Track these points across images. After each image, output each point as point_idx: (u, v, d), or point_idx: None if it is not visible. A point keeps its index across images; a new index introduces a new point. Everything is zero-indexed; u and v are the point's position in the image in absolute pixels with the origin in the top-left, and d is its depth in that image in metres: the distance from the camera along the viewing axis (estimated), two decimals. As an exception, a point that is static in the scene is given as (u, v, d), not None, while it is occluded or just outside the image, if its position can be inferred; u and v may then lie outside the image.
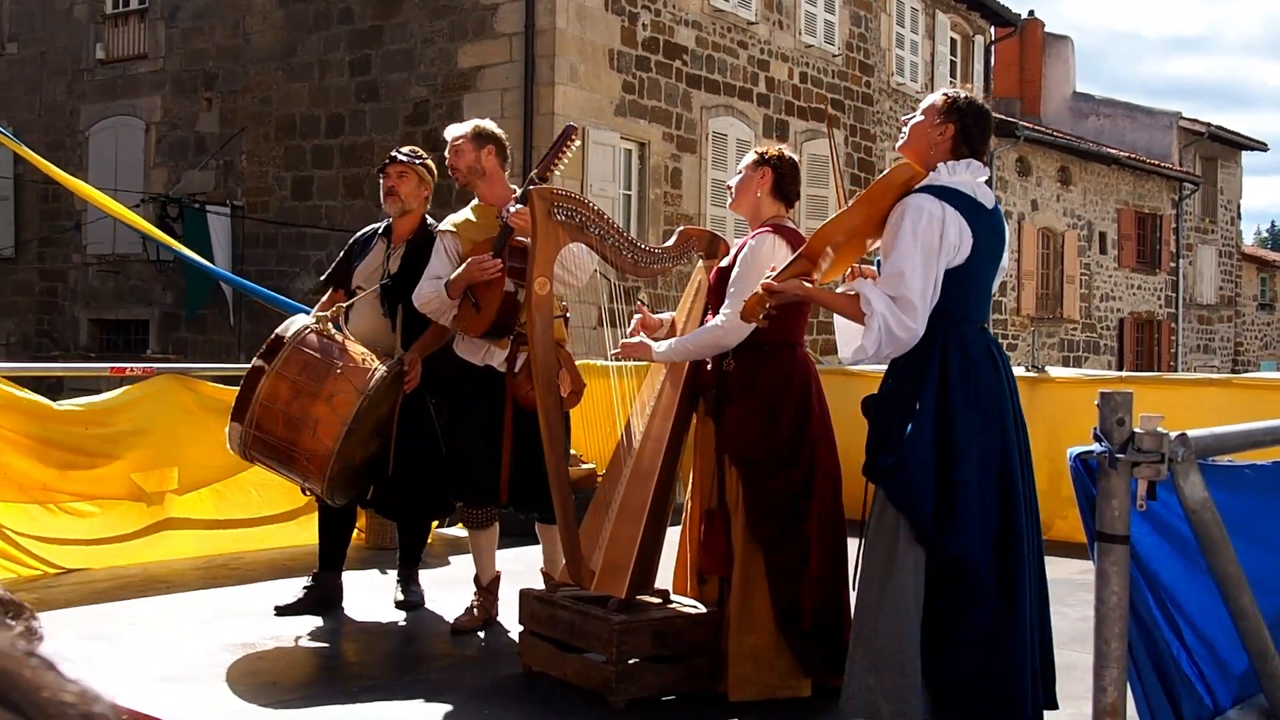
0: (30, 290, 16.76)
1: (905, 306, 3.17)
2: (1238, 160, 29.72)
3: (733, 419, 3.80)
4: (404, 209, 4.92)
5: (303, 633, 4.67)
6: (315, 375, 4.42)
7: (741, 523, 3.76)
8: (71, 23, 16.30)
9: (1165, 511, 2.37)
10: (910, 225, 3.21)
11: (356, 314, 4.90)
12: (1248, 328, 30.34)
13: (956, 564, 3.23)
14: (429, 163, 5.02)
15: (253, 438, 4.46)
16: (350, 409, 4.36)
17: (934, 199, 3.25)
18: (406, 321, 4.84)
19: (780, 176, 3.94)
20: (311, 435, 4.37)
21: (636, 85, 13.43)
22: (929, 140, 3.33)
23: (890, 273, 3.20)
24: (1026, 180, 22.03)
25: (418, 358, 4.71)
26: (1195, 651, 2.57)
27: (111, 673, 3.99)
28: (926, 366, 3.25)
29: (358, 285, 4.95)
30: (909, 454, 3.20)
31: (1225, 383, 6.96)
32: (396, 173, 4.91)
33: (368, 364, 4.52)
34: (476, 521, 4.74)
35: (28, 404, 5.59)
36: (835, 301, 3.34)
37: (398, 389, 4.66)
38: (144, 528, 5.97)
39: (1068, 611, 5.09)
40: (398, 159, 4.93)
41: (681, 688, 3.78)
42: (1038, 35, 27.73)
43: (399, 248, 4.93)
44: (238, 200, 14.63)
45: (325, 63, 13.95)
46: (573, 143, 4.41)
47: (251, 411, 4.42)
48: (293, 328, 4.57)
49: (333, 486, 4.47)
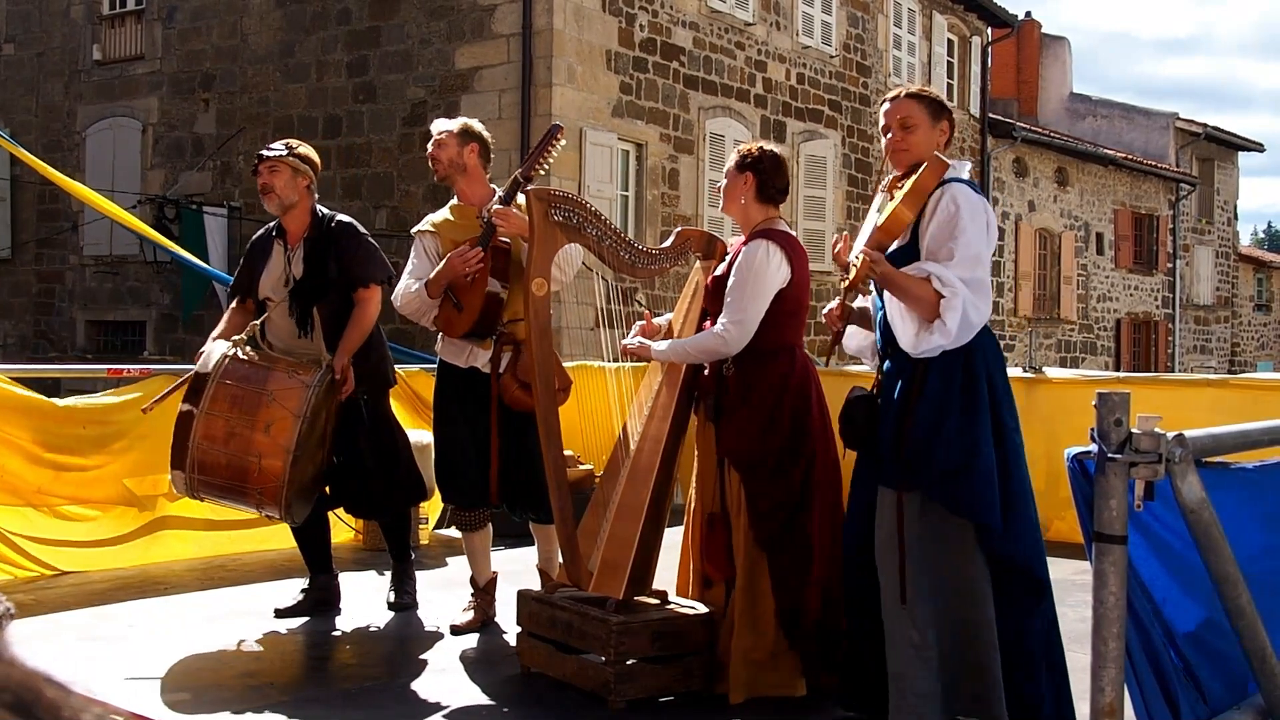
0: (27, 291, 16.74)
1: (980, 290, 3.12)
2: (1234, 161, 29.75)
3: (733, 423, 3.80)
4: (283, 204, 4.72)
5: (301, 634, 4.67)
6: (247, 408, 4.27)
7: (744, 526, 3.75)
8: (68, 23, 16.29)
9: (1151, 519, 2.37)
10: (968, 212, 3.17)
11: (272, 325, 4.75)
12: (1244, 328, 30.37)
13: (1022, 571, 3.17)
14: (303, 152, 4.79)
15: (198, 481, 4.33)
16: (291, 435, 4.24)
17: (976, 192, 3.26)
18: (326, 322, 4.71)
19: (763, 180, 3.90)
20: (258, 469, 4.24)
21: (634, 86, 13.43)
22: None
23: (965, 256, 3.12)
24: (1023, 181, 22.04)
25: (347, 363, 4.59)
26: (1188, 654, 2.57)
27: (109, 674, 3.99)
28: (971, 359, 3.17)
29: (266, 296, 4.80)
30: (977, 455, 3.10)
31: (1222, 383, 6.97)
32: (267, 169, 4.70)
33: (297, 379, 4.38)
34: (468, 524, 4.73)
35: (25, 404, 5.58)
36: (910, 283, 3.12)
37: (332, 395, 4.54)
38: (141, 528, 5.97)
39: (1066, 612, 5.08)
40: (265, 155, 4.74)
41: (680, 688, 3.78)
42: (1034, 36, 27.74)
43: (297, 249, 4.75)
44: (235, 201, 14.62)
45: (323, 63, 13.94)
46: (558, 142, 4.40)
47: (191, 457, 4.26)
48: (212, 360, 4.37)
49: (290, 509, 4.39)
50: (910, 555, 3.18)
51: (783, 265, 3.78)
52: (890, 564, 3.23)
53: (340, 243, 4.71)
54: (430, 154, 4.66)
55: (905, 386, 3.22)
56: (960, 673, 3.17)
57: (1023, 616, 3.20)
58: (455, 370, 4.60)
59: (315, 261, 4.70)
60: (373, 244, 4.85)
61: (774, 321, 3.77)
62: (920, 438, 3.16)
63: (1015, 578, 3.18)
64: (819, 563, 3.70)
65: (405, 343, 10.66)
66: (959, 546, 3.16)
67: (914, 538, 3.19)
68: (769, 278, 3.75)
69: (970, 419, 3.13)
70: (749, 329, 3.73)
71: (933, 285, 3.09)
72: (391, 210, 13.29)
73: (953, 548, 3.16)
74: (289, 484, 4.25)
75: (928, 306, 3.09)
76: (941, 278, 3.08)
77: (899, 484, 3.21)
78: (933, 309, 3.09)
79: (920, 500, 3.20)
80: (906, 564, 3.19)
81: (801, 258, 3.86)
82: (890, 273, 3.14)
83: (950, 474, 3.12)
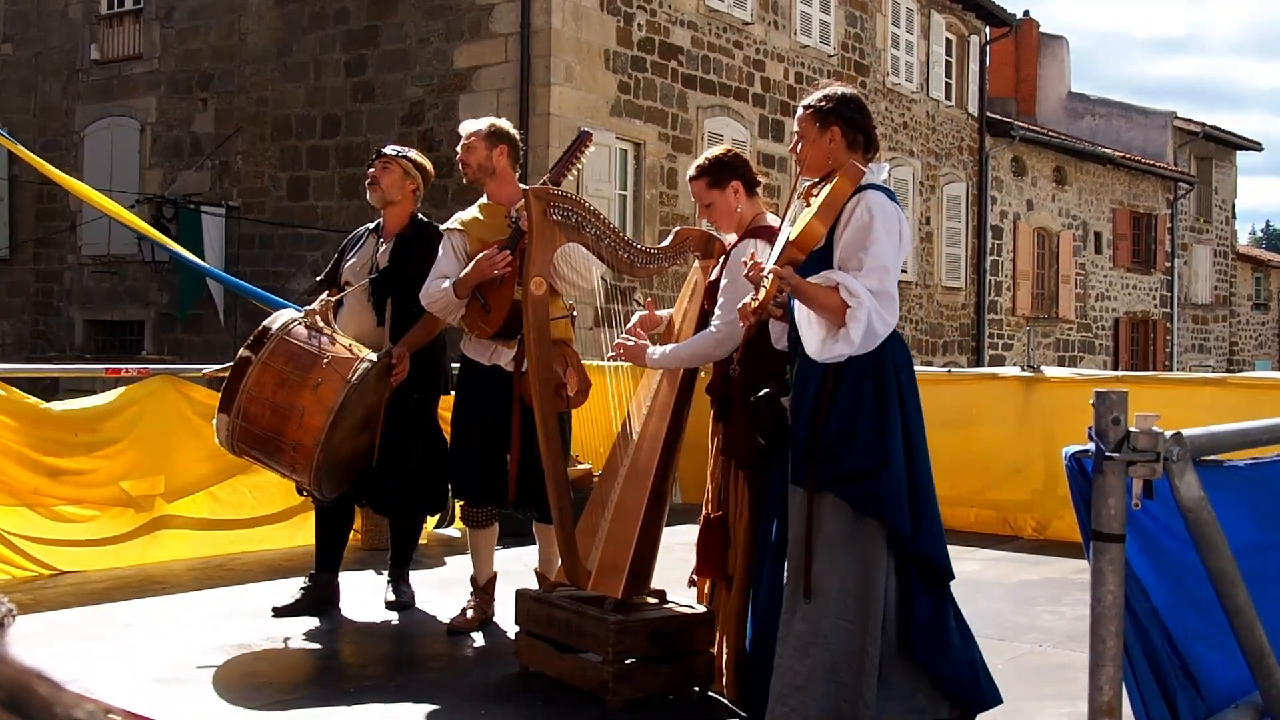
0: (25, 291, 16.73)
1: (886, 301, 3.17)
2: (1232, 160, 29.78)
3: (736, 423, 3.80)
4: (385, 199, 4.93)
5: (299, 633, 4.67)
6: (301, 365, 4.40)
7: (745, 525, 3.75)
8: (66, 23, 16.28)
9: (1149, 518, 2.38)
10: (881, 222, 3.21)
11: (346, 309, 4.89)
12: (1242, 327, 30.39)
13: (929, 564, 3.24)
14: (416, 158, 5.03)
15: (240, 429, 4.43)
16: (336, 398, 4.33)
17: (888, 198, 3.28)
18: (395, 316, 4.83)
19: (746, 178, 3.92)
20: (298, 425, 4.35)
21: (632, 85, 13.44)
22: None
23: (874, 266, 3.17)
24: (1022, 180, 22.05)
25: (405, 351, 4.71)
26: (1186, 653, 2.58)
27: (108, 674, 3.99)
28: (881, 361, 3.20)
29: (346, 281, 4.96)
30: (889, 457, 3.15)
31: (1220, 382, 6.99)
32: (380, 165, 4.97)
33: (355, 355, 4.51)
34: (477, 521, 4.74)
35: (21, 406, 5.58)
36: (818, 293, 3.17)
37: (385, 382, 4.64)
38: (139, 528, 5.96)
39: (1064, 610, 5.10)
40: (383, 153, 5.01)
41: (678, 688, 3.78)
42: (1033, 35, 27.74)
43: (388, 242, 4.94)
44: (233, 201, 14.62)
45: (321, 63, 13.94)
46: (586, 149, 4.41)
47: (239, 402, 4.39)
48: (280, 320, 4.56)
49: (319, 477, 4.42)
50: (818, 554, 3.22)
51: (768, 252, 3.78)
52: (797, 560, 3.26)
53: (430, 245, 4.76)
54: (459, 158, 4.67)
55: (816, 387, 3.25)
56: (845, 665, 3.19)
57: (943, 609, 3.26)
58: (478, 367, 4.62)
59: (402, 256, 4.85)
60: None
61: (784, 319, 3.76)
62: (832, 438, 3.20)
63: (919, 569, 3.25)
64: None
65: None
66: (867, 546, 3.20)
67: (824, 536, 3.23)
68: None
69: (882, 420, 3.19)
70: (740, 328, 3.73)
71: (840, 295, 3.13)
72: (390, 210, 13.28)
73: (861, 547, 3.20)
74: (323, 447, 4.31)
75: (834, 315, 3.14)
76: (849, 288, 3.12)
77: (810, 483, 3.23)
78: (839, 317, 3.13)
79: (831, 500, 3.23)
80: (814, 562, 3.22)
81: None
82: (799, 284, 3.18)
83: (862, 475, 3.16)
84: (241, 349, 4.53)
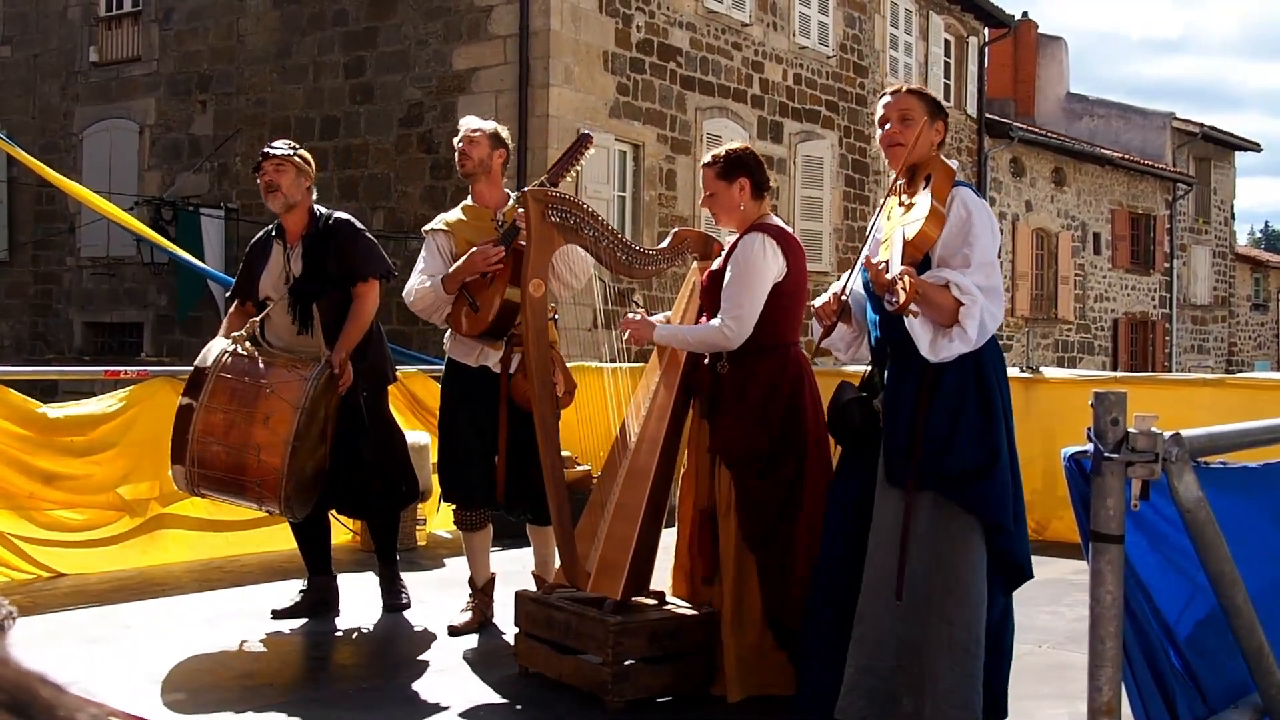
0: (24, 293, 16.73)
1: (994, 296, 3.15)
2: (1231, 161, 29.78)
3: (725, 420, 3.80)
4: (287, 203, 4.74)
5: (299, 635, 4.67)
6: (245, 401, 4.30)
7: (733, 523, 3.76)
8: (65, 25, 16.28)
9: (1147, 519, 2.38)
10: (981, 219, 3.20)
11: (272, 323, 4.77)
12: (1241, 328, 30.40)
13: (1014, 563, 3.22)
14: (305, 154, 4.86)
15: (198, 476, 4.34)
16: (289, 427, 4.25)
17: (977, 194, 3.29)
18: (325, 319, 4.71)
19: (756, 177, 3.92)
20: (257, 461, 4.26)
21: (631, 87, 13.44)
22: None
23: (981, 262, 3.15)
24: (1020, 181, 22.05)
25: (345, 358, 4.59)
26: (1185, 653, 2.58)
27: (107, 675, 3.99)
28: (980, 359, 3.18)
29: (266, 296, 4.81)
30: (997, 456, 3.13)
31: (1219, 383, 6.99)
32: (273, 167, 4.72)
33: (295, 373, 4.39)
34: (469, 524, 4.73)
35: (14, 411, 5.57)
36: (933, 291, 3.09)
37: (332, 390, 4.55)
38: (139, 529, 5.96)
39: (1064, 611, 5.11)
40: (271, 154, 4.76)
41: (677, 688, 3.78)
42: (1031, 36, 27.74)
43: (296, 247, 4.77)
44: (232, 203, 14.61)
45: (320, 65, 13.94)
46: (587, 150, 4.41)
47: (190, 452, 4.28)
48: (210, 356, 4.41)
49: (290, 504, 4.39)
50: (912, 554, 3.19)
51: (778, 257, 3.79)
52: (888, 561, 3.23)
53: (338, 239, 4.72)
54: (461, 149, 4.66)
55: (916, 388, 3.22)
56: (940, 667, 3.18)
57: (1009, 615, 3.29)
58: (465, 369, 4.60)
59: (314, 259, 4.72)
60: (371, 239, 4.86)
61: (770, 317, 3.77)
62: (937, 438, 3.17)
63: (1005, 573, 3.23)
64: (803, 562, 3.69)
65: (402, 343, 10.66)
66: (965, 546, 3.16)
67: (920, 537, 3.20)
68: (764, 270, 3.76)
69: (988, 419, 3.17)
70: (748, 323, 3.73)
71: (952, 293, 3.10)
72: (388, 211, 13.29)
73: (958, 547, 3.17)
74: (288, 477, 4.25)
75: (947, 314, 3.11)
76: (960, 285, 3.10)
77: (912, 484, 3.21)
78: (951, 316, 3.10)
79: (931, 499, 3.20)
80: (906, 563, 3.20)
81: (796, 251, 3.86)
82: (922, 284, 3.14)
83: (970, 474, 3.14)
84: (181, 397, 4.39)
